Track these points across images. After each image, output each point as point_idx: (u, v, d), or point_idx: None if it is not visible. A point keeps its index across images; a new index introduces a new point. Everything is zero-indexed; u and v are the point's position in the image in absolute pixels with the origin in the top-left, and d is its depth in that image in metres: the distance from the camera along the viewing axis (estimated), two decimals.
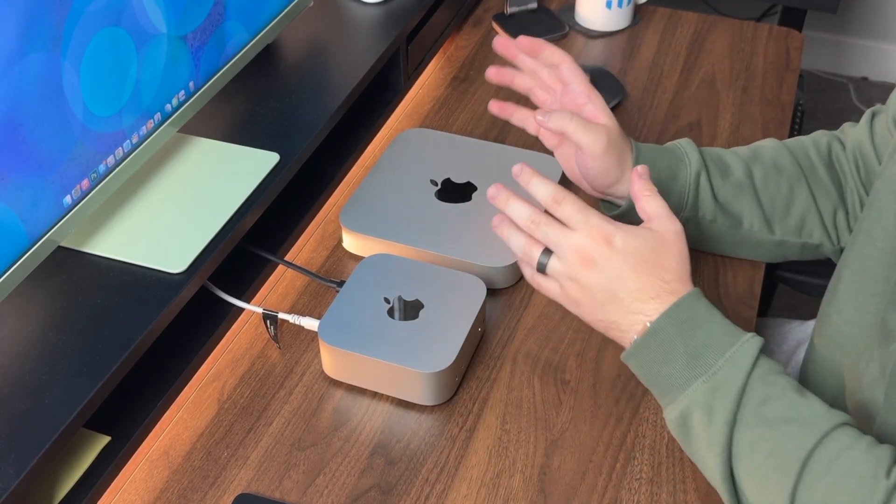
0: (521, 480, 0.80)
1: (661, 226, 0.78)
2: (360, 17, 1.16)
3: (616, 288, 0.76)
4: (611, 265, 0.75)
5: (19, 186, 0.72)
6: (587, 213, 0.77)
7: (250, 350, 0.91)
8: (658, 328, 0.74)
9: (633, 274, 0.75)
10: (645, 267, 0.75)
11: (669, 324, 0.74)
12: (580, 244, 0.76)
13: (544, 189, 0.78)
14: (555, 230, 0.78)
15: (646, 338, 0.74)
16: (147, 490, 0.80)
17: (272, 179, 0.92)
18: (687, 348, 0.73)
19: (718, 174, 0.93)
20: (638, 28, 1.36)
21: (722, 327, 0.74)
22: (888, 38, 2.55)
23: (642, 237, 0.76)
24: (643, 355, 0.75)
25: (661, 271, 0.76)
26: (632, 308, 0.75)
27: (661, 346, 0.74)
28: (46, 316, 0.78)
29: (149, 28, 0.82)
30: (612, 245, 0.76)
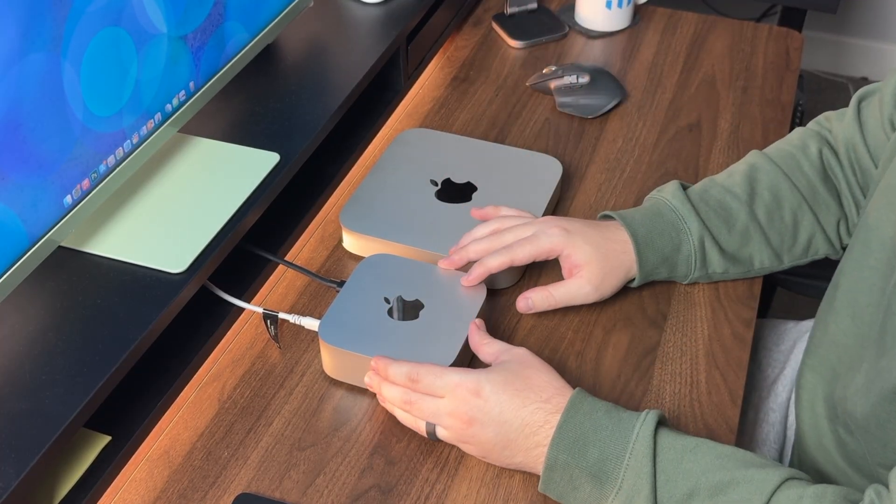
0: (521, 480, 0.80)
1: (510, 354, 0.80)
2: (360, 17, 1.16)
3: (506, 432, 0.76)
4: (490, 414, 0.75)
5: (19, 186, 0.72)
6: (445, 376, 0.77)
7: (250, 350, 0.91)
8: (550, 460, 0.73)
9: (514, 411, 0.75)
10: (521, 398, 0.75)
11: (561, 453, 0.73)
12: (452, 408, 0.77)
13: (400, 373, 0.79)
14: (426, 404, 0.78)
15: (547, 473, 0.74)
16: (147, 490, 0.80)
17: (272, 179, 0.92)
18: (587, 470, 0.72)
19: (724, 229, 0.92)
20: (638, 28, 1.36)
21: (610, 432, 0.73)
22: (888, 39, 2.55)
23: (504, 372, 0.77)
24: (552, 489, 0.75)
25: (536, 393, 0.76)
26: (529, 443, 0.75)
27: (563, 477, 0.74)
28: (46, 316, 0.78)
29: (149, 28, 0.82)
30: (481, 395, 0.76)
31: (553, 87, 1.20)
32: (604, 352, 0.90)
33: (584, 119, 1.19)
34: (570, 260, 0.90)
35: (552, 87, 1.20)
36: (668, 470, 0.71)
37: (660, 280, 0.94)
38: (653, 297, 0.95)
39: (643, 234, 0.91)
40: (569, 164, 1.12)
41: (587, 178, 1.10)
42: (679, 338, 0.91)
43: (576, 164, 1.12)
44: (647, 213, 0.93)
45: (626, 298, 0.95)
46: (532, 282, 0.97)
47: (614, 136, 1.16)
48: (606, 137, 1.16)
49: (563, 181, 1.06)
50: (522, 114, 1.20)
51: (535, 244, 0.89)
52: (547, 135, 1.16)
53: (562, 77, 1.19)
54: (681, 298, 0.95)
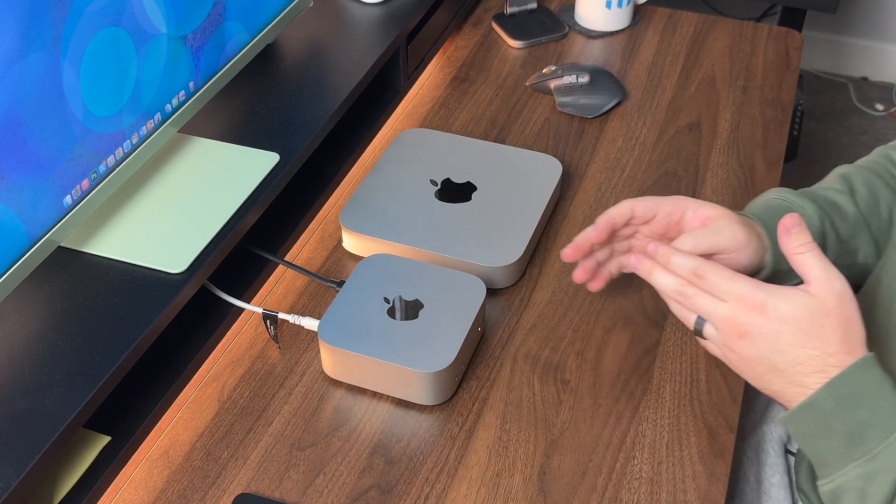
0: (521, 480, 0.80)
1: (820, 289, 0.71)
2: (360, 17, 1.16)
3: (775, 360, 0.72)
4: (765, 337, 0.71)
5: (19, 186, 0.72)
6: (734, 281, 0.72)
7: (250, 350, 0.91)
8: (815, 401, 0.69)
9: (790, 346, 0.71)
10: (804, 339, 0.70)
11: (829, 398, 0.69)
12: (730, 316, 0.72)
13: (685, 266, 0.75)
14: (704, 302, 0.74)
15: (801, 410, 0.70)
16: (147, 490, 0.80)
17: (272, 179, 0.92)
18: (845, 427, 0.69)
19: (838, 216, 0.88)
20: (638, 28, 1.36)
21: (890, 406, 0.68)
22: (888, 38, 2.55)
23: (799, 304, 0.71)
24: (799, 426, 0.72)
25: (822, 343, 0.70)
26: (794, 380, 0.71)
27: (818, 421, 0.70)
28: (46, 316, 0.78)
29: (149, 28, 0.82)
30: (765, 314, 0.71)
31: (553, 87, 1.20)
32: (604, 351, 0.90)
33: (584, 119, 1.19)
34: (698, 213, 0.82)
35: (552, 86, 1.20)
36: None
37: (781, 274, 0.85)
38: (653, 297, 0.95)
39: (768, 218, 0.85)
40: (569, 164, 1.12)
41: (587, 177, 1.10)
42: (679, 337, 0.91)
43: (576, 164, 1.12)
44: (762, 207, 0.87)
45: (626, 298, 0.95)
46: (532, 281, 0.97)
47: (614, 136, 1.16)
48: (606, 137, 1.16)
49: (563, 181, 1.06)
50: (522, 114, 1.20)
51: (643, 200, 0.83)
52: (547, 135, 1.16)
53: (562, 77, 1.19)
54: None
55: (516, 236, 0.96)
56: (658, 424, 0.84)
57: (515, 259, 0.94)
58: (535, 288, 0.96)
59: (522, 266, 0.97)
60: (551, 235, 1.02)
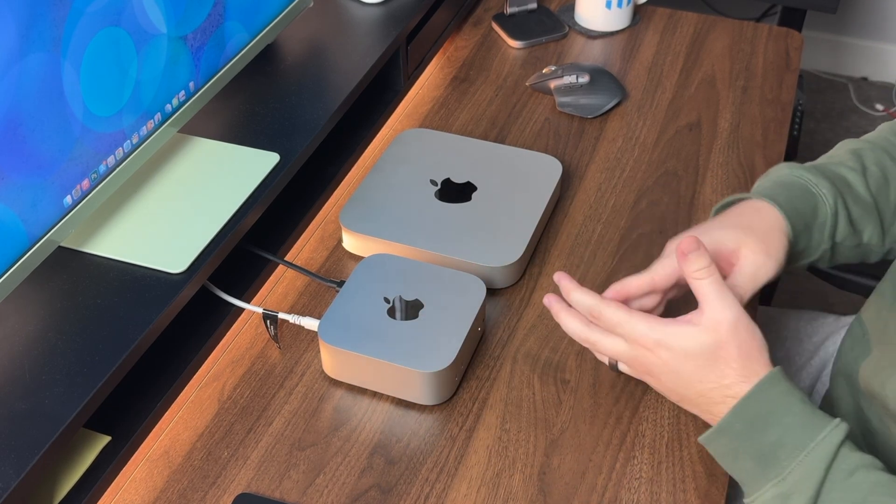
0: (521, 480, 0.80)
1: (713, 318, 0.72)
2: (360, 17, 1.16)
3: (682, 392, 0.75)
4: (668, 375, 0.74)
5: (19, 186, 0.72)
6: (628, 323, 0.74)
7: (250, 350, 0.91)
8: (724, 426, 0.71)
9: (691, 381, 0.73)
10: (701, 373, 0.72)
11: (737, 422, 0.70)
12: (632, 356, 0.75)
13: (583, 304, 0.77)
14: (606, 344, 0.77)
15: (715, 434, 0.72)
16: (147, 490, 0.80)
17: (272, 179, 0.92)
18: (757, 448, 0.69)
19: (850, 194, 0.86)
20: (638, 28, 1.36)
21: (799, 421, 0.69)
22: (888, 38, 2.55)
23: (692, 340, 0.72)
24: (713, 448, 0.73)
25: (718, 377, 0.72)
26: (704, 409, 0.74)
27: (730, 445, 0.71)
28: (46, 316, 0.78)
29: (149, 28, 0.82)
30: (661, 354, 0.73)
31: (553, 87, 1.20)
32: None
33: (584, 119, 1.19)
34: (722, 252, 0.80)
35: (552, 86, 1.20)
36: (837, 482, 0.67)
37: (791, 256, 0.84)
38: None
39: (784, 200, 0.83)
40: (569, 164, 1.12)
41: (587, 177, 1.10)
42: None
43: (576, 164, 1.12)
44: (773, 183, 0.85)
45: None
46: (532, 281, 0.97)
47: (614, 136, 1.16)
48: (606, 137, 1.16)
49: (563, 181, 1.06)
50: (522, 114, 1.20)
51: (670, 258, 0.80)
52: (547, 135, 1.16)
53: (562, 77, 1.19)
54: (680, 298, 0.95)
55: (516, 236, 0.96)
56: (658, 424, 0.84)
57: (515, 259, 0.94)
58: (535, 288, 0.96)
59: (522, 266, 0.97)
60: (551, 235, 1.02)
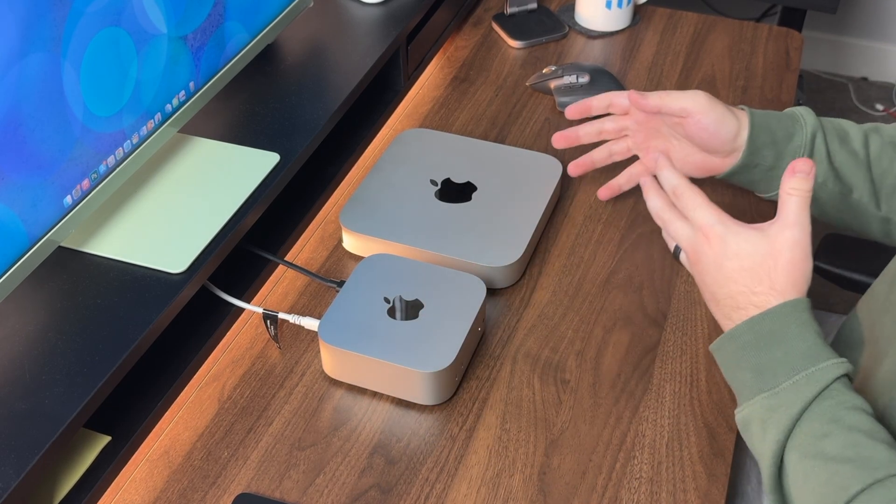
0: (521, 480, 0.80)
1: (777, 231, 0.75)
2: (360, 17, 1.17)
3: (714, 290, 0.77)
4: (711, 267, 0.77)
5: (19, 186, 0.72)
6: (702, 209, 0.78)
7: (250, 350, 0.91)
8: (735, 333, 0.74)
9: (727, 280, 0.75)
10: (740, 275, 0.75)
11: (747, 332, 0.73)
12: (691, 242, 0.79)
13: (669, 180, 0.81)
14: (677, 226, 0.81)
15: (722, 340, 0.75)
16: (147, 490, 0.80)
17: (272, 179, 0.92)
18: (758, 362, 0.72)
19: (836, 139, 0.90)
20: (638, 28, 1.36)
21: (806, 348, 0.71)
22: (888, 38, 2.55)
23: (749, 242, 0.75)
24: (720, 354, 0.76)
25: (752, 282, 0.74)
26: (725, 313, 0.77)
27: (735, 353, 0.74)
28: (46, 316, 0.78)
29: (149, 28, 0.82)
30: (716, 245, 0.76)
31: (553, 87, 1.20)
32: (604, 351, 0.90)
33: (584, 119, 1.18)
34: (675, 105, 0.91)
35: (552, 86, 1.20)
36: (824, 407, 0.69)
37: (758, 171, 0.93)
38: (653, 296, 0.95)
39: (759, 114, 0.91)
40: (569, 164, 1.11)
41: (587, 177, 1.10)
42: (679, 337, 0.91)
43: None
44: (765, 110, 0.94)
45: (626, 298, 0.95)
46: (532, 281, 0.97)
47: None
48: None
49: (563, 181, 1.06)
50: (522, 114, 1.20)
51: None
52: (547, 135, 1.16)
53: (562, 77, 1.19)
54: (681, 297, 0.95)
55: (516, 236, 0.96)
56: (658, 424, 0.84)
57: (515, 259, 0.94)
58: (535, 288, 0.96)
59: (522, 266, 0.97)
60: (551, 235, 1.02)
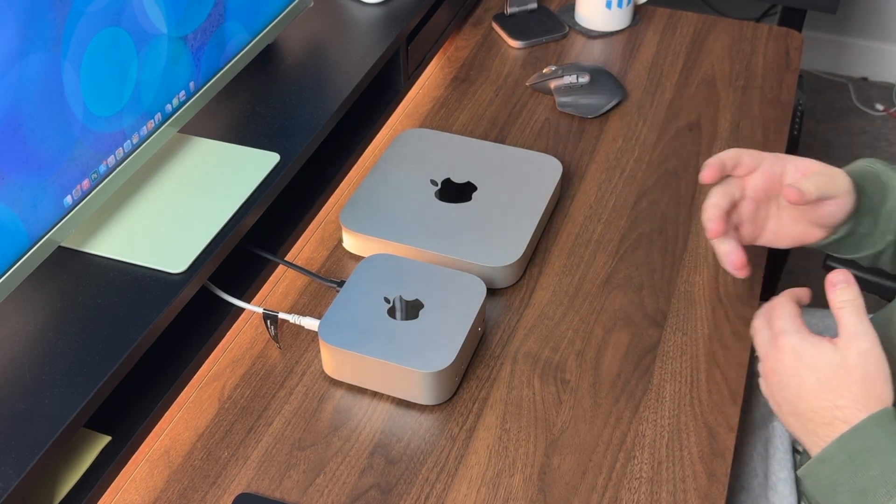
0: (521, 480, 0.80)
1: (847, 344, 0.73)
2: (360, 17, 1.17)
3: (795, 404, 0.74)
4: (789, 380, 0.74)
5: (19, 186, 0.72)
6: (783, 319, 0.76)
7: (250, 350, 0.91)
8: (827, 456, 0.71)
9: (808, 393, 0.73)
10: (820, 388, 0.73)
11: (841, 452, 0.70)
12: (767, 352, 0.77)
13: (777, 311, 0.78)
14: (762, 336, 0.78)
15: (814, 465, 0.71)
16: (147, 490, 0.80)
17: (272, 179, 0.92)
18: (856, 482, 0.69)
19: None
20: (638, 28, 1.36)
21: None
22: (888, 39, 2.55)
23: (824, 355, 0.73)
24: (812, 480, 0.73)
25: (834, 396, 0.72)
26: (808, 428, 0.73)
27: (829, 476, 0.71)
28: (46, 316, 0.78)
29: (149, 28, 0.82)
30: (792, 357, 0.74)
31: (553, 87, 1.20)
32: (604, 351, 0.90)
33: (584, 119, 1.19)
34: (800, 166, 0.85)
35: (552, 86, 1.20)
36: None
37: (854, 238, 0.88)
38: (653, 297, 0.95)
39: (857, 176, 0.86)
40: (569, 164, 1.12)
41: (587, 177, 1.10)
42: (679, 337, 0.91)
43: (576, 164, 1.12)
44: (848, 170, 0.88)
45: (626, 298, 0.95)
46: (532, 281, 0.97)
47: (614, 136, 1.16)
48: (606, 137, 1.16)
49: (563, 181, 1.06)
50: (522, 114, 1.20)
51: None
52: (547, 135, 1.16)
53: (562, 77, 1.19)
54: (681, 297, 0.95)
55: (516, 236, 0.96)
56: (658, 424, 0.84)
57: (515, 259, 0.94)
58: (535, 288, 0.96)
59: (522, 266, 0.97)
60: (551, 235, 1.02)
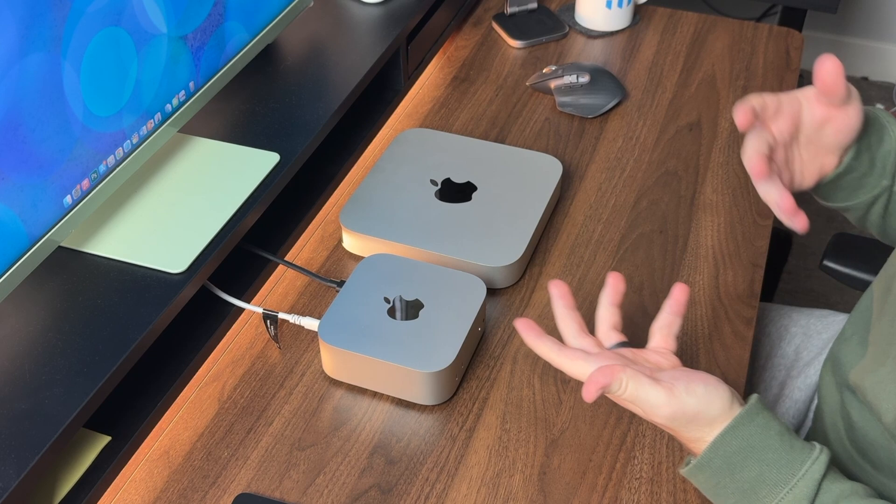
0: (521, 480, 0.80)
1: (651, 417, 0.69)
2: (360, 17, 1.16)
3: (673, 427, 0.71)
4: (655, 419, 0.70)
5: (19, 186, 0.72)
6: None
7: (250, 350, 0.91)
8: (704, 462, 0.69)
9: (673, 429, 0.70)
10: (676, 425, 0.69)
11: (718, 457, 0.68)
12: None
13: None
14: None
15: (693, 470, 0.70)
16: (147, 490, 0.80)
17: (272, 179, 0.92)
18: (738, 485, 0.68)
19: None
20: (638, 28, 1.36)
21: (778, 457, 0.67)
22: (888, 38, 2.55)
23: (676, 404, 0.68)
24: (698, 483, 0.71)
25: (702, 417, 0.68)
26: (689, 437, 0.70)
27: (711, 480, 0.69)
28: (46, 316, 0.78)
29: (149, 28, 0.82)
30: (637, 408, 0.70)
31: (553, 87, 1.20)
32: None
33: (584, 119, 1.19)
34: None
35: (552, 86, 1.20)
36: None
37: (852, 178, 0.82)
38: (653, 296, 0.95)
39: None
40: (569, 164, 1.12)
41: (587, 177, 1.10)
42: (679, 336, 0.91)
43: (576, 164, 1.12)
44: None
45: (626, 298, 0.95)
46: (532, 281, 0.97)
47: (614, 136, 1.16)
48: (606, 137, 1.16)
49: (563, 181, 1.06)
50: (522, 114, 1.20)
51: None
52: (547, 134, 1.16)
53: (562, 77, 1.19)
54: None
55: (516, 236, 0.96)
56: None
57: (515, 259, 0.94)
58: (535, 288, 0.96)
59: (522, 266, 0.97)
60: (551, 235, 1.02)
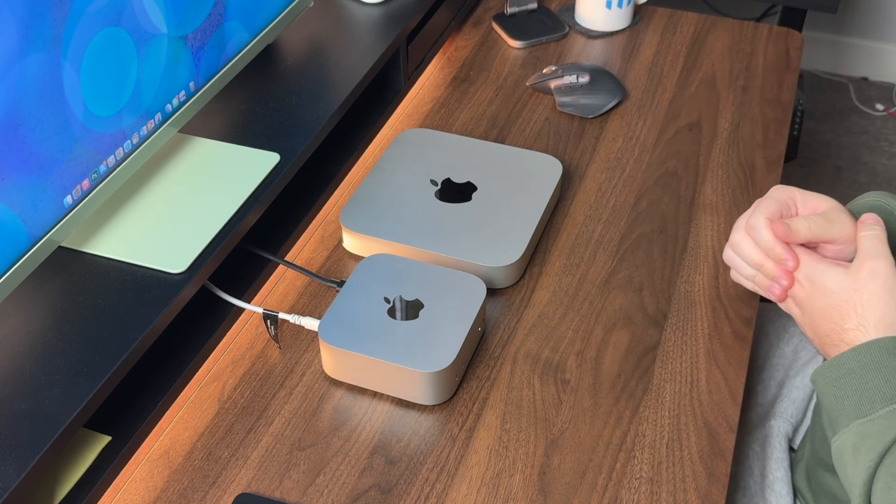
0: (521, 480, 0.80)
1: (860, 264, 0.78)
2: (360, 17, 1.17)
3: (811, 328, 0.81)
4: (804, 306, 0.81)
5: (19, 186, 0.72)
6: (801, 251, 0.81)
7: (250, 350, 0.91)
8: (842, 360, 0.76)
9: (820, 319, 0.79)
10: (829, 312, 0.78)
11: (853, 361, 0.75)
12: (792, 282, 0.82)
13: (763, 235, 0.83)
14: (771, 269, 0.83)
15: (827, 368, 0.77)
16: (147, 490, 0.80)
17: (272, 179, 0.92)
18: (859, 389, 0.74)
19: None
20: (638, 28, 1.36)
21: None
22: (888, 38, 2.55)
23: (835, 280, 0.79)
24: (821, 379, 0.78)
25: (842, 320, 0.77)
26: (824, 350, 0.80)
27: (839, 380, 0.76)
28: (46, 316, 0.78)
29: (149, 28, 0.82)
30: (804, 288, 0.80)
31: (553, 87, 1.20)
32: (604, 351, 0.90)
33: (584, 119, 1.19)
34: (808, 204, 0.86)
35: (552, 86, 1.20)
36: None
37: None
38: (653, 297, 0.95)
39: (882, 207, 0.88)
40: (569, 164, 1.12)
41: (587, 177, 1.10)
42: (679, 336, 0.91)
43: (576, 164, 1.12)
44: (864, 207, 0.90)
45: (626, 298, 0.95)
46: (532, 281, 0.97)
47: (614, 136, 1.16)
48: (606, 137, 1.16)
49: (563, 181, 1.06)
50: (522, 114, 1.20)
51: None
52: (547, 135, 1.16)
53: (562, 77, 1.19)
54: (681, 297, 0.95)
55: (516, 236, 0.96)
56: (658, 424, 0.84)
57: (515, 259, 0.94)
58: (535, 288, 0.96)
59: (522, 266, 0.97)
60: (551, 235, 1.02)
